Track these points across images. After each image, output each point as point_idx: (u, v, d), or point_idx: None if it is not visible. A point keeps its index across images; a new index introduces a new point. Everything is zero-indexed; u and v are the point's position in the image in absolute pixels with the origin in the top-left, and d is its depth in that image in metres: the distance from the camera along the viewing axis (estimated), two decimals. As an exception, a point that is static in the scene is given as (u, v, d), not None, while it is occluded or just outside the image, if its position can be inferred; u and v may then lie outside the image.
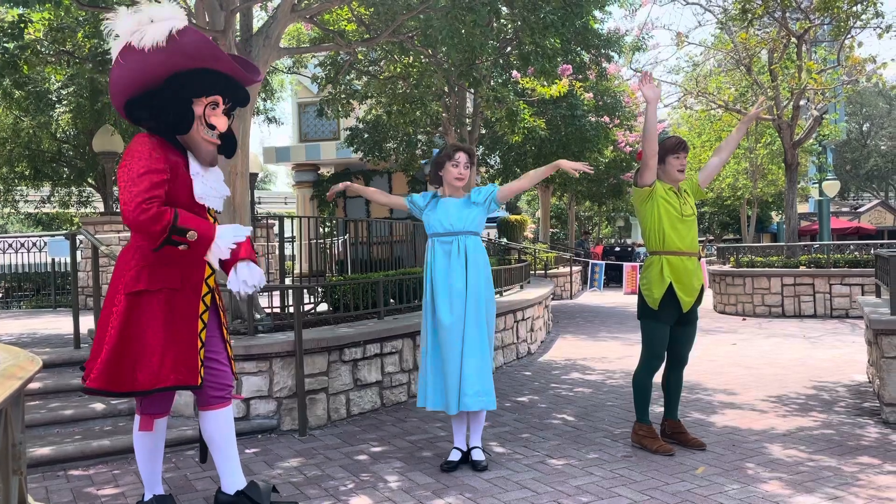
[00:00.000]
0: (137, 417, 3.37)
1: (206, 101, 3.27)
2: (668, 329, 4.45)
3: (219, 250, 3.21)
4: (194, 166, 3.29)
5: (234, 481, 3.39)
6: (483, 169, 17.30)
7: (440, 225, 4.24)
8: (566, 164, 4.21)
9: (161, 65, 3.14)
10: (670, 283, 4.36)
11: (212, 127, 3.30)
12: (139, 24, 3.06)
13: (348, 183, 4.67)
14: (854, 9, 10.13)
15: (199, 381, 3.21)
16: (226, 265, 3.41)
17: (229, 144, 3.47)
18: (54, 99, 14.23)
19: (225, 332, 3.48)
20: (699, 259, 4.52)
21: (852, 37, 12.33)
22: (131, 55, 3.10)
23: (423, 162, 4.55)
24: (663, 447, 4.41)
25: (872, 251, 12.18)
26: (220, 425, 3.33)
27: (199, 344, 3.25)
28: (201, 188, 3.28)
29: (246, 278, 3.35)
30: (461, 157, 4.25)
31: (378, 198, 4.64)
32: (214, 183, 3.37)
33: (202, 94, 3.25)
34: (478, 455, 4.21)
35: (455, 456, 4.22)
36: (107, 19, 3.18)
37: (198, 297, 3.29)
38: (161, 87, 3.20)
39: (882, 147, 48.98)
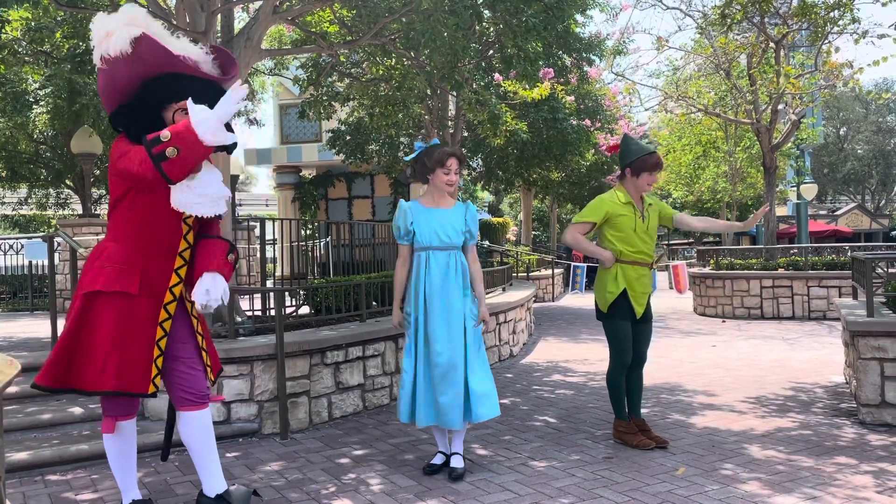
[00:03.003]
0: (103, 419, 3.37)
1: (176, 106, 3.22)
2: (629, 325, 4.62)
3: (210, 126, 2.92)
4: None
5: (215, 484, 3.37)
6: (465, 172, 17.33)
7: (436, 237, 4.10)
8: None
9: (128, 75, 3.14)
10: (624, 289, 4.56)
11: None
12: (105, 33, 3.06)
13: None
14: (831, 15, 10.25)
15: (153, 389, 3.19)
16: (195, 273, 3.34)
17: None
18: (32, 100, 14.05)
19: (200, 338, 3.45)
20: (651, 268, 4.69)
21: (829, 42, 12.50)
22: (107, 64, 3.12)
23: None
24: (642, 441, 4.57)
25: (849, 254, 12.35)
26: (195, 428, 3.31)
27: (157, 352, 3.22)
28: (180, 196, 3.13)
29: (209, 288, 3.25)
30: (453, 163, 4.13)
31: (401, 279, 4.25)
32: (201, 188, 3.18)
33: (170, 100, 3.21)
34: (457, 462, 4.14)
35: (438, 459, 4.22)
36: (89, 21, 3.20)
37: (159, 305, 3.26)
38: (135, 97, 3.20)
39: (859, 151, 49.67)
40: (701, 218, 4.87)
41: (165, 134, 2.91)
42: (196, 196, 3.16)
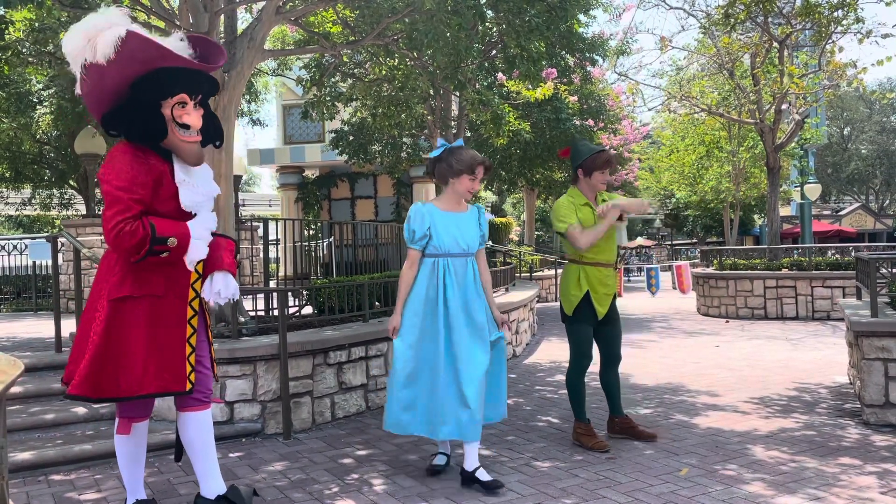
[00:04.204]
0: (117, 420, 3.35)
1: (173, 101, 3.20)
2: (591, 329, 4.64)
3: (196, 249, 3.20)
4: (179, 173, 3.22)
5: (213, 486, 3.37)
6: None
7: (456, 244, 3.96)
8: None
9: (119, 75, 3.10)
10: (587, 292, 4.56)
11: (185, 126, 3.22)
12: (87, 37, 3.01)
13: None
14: (835, 14, 10.23)
15: (189, 386, 3.19)
16: (206, 270, 3.38)
17: (215, 132, 3.38)
18: (35, 100, 14.10)
19: (210, 334, 3.47)
20: (615, 269, 4.69)
21: (833, 42, 12.46)
22: (92, 70, 3.05)
23: (431, 154, 4.16)
24: (599, 444, 4.57)
25: (853, 254, 12.32)
26: (199, 428, 3.31)
27: (189, 349, 3.23)
28: (189, 197, 3.21)
29: (220, 290, 3.31)
30: (481, 171, 4.01)
31: (409, 282, 4.03)
32: (203, 186, 3.29)
33: (166, 95, 3.18)
34: (483, 474, 3.86)
35: (440, 459, 4.21)
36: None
37: (185, 303, 3.26)
38: (127, 97, 3.17)
39: (862, 151, 49.57)
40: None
41: (173, 241, 3.10)
42: (201, 195, 3.28)
